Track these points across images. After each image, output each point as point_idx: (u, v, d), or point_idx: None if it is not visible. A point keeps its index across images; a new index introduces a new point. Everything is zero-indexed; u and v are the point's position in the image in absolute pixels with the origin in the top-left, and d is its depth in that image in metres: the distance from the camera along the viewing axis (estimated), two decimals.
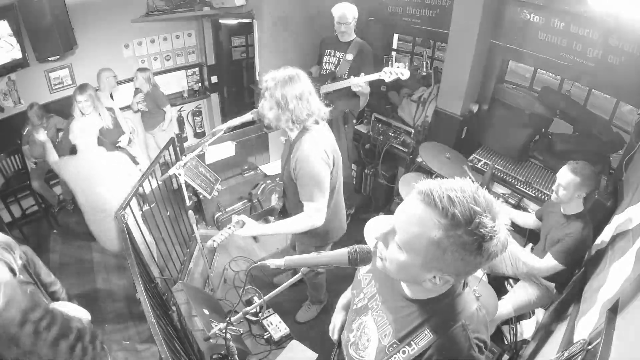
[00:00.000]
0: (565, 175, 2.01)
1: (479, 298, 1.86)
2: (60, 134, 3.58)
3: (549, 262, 2.03)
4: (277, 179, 2.16)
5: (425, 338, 0.89)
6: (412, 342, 0.91)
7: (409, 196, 0.83)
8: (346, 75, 3.08)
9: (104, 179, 2.48)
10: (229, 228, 1.86)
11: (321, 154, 1.86)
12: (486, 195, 0.77)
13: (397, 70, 2.73)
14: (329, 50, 3.24)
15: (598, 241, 2.07)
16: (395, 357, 0.93)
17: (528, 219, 2.45)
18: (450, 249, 0.76)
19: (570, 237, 1.99)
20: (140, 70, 3.96)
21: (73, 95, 3.20)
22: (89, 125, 2.53)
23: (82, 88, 3.20)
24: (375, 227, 2.56)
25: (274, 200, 2.29)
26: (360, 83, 2.86)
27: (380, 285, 1.08)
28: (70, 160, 2.50)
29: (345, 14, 3.03)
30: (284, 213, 2.31)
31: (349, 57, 3.11)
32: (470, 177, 0.82)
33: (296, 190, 1.97)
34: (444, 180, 0.80)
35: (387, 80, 2.78)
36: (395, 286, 1.00)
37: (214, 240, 1.85)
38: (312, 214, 1.92)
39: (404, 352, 0.91)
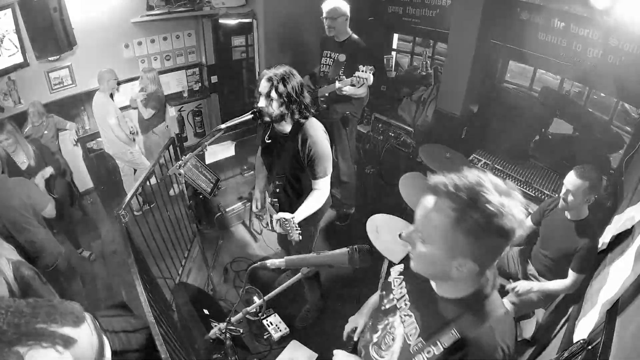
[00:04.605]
0: (574, 182, 1.94)
1: None
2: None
3: (576, 278, 2.00)
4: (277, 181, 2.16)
5: (451, 338, 0.88)
6: (437, 342, 0.90)
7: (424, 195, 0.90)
8: (338, 77, 2.94)
9: None
10: (294, 229, 1.91)
11: (325, 133, 2.03)
12: (492, 177, 0.82)
13: (359, 74, 2.62)
14: (326, 52, 3.11)
15: (599, 242, 2.07)
16: (419, 356, 0.92)
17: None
18: (467, 232, 0.80)
19: (585, 249, 1.97)
20: (146, 70, 3.96)
21: None
22: None
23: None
24: (378, 223, 2.56)
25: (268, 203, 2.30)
26: (343, 88, 2.74)
27: (411, 286, 1.08)
28: None
29: (333, 9, 2.84)
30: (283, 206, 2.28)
31: (342, 58, 2.98)
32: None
33: (302, 178, 2.07)
34: (450, 173, 0.86)
35: (357, 86, 2.66)
36: (426, 286, 1.00)
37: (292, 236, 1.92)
38: (326, 187, 2.06)
39: (428, 352, 0.91)
